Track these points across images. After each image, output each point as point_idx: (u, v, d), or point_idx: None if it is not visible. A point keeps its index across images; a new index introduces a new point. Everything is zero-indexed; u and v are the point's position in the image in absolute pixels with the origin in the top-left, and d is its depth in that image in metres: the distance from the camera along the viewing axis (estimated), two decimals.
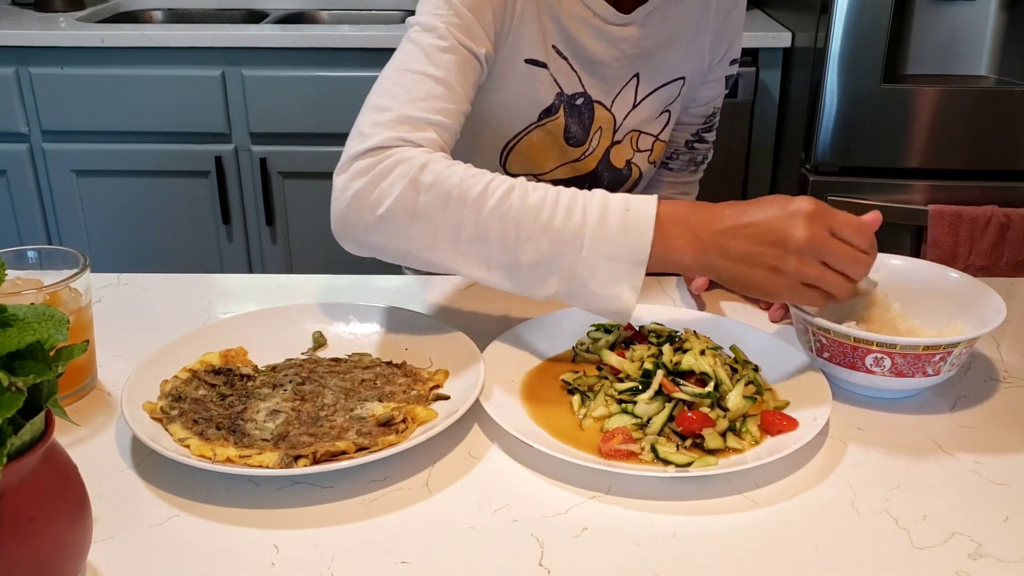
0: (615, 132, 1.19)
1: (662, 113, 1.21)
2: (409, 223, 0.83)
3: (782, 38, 2.20)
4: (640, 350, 0.88)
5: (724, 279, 0.83)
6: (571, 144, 1.17)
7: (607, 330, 0.94)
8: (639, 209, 0.81)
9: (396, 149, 0.86)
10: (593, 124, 1.16)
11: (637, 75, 1.15)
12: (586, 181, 1.21)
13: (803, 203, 0.80)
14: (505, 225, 0.81)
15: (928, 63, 2.11)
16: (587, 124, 1.16)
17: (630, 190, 1.27)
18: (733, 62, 1.25)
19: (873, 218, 0.84)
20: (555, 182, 1.18)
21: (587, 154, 1.18)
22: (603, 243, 0.80)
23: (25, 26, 2.23)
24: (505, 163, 1.18)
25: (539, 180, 1.18)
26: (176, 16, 2.69)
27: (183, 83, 2.19)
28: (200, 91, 2.20)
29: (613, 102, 1.16)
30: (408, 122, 0.89)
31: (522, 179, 0.85)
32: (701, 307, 1.07)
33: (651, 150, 1.24)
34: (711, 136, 1.33)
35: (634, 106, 1.17)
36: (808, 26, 2.07)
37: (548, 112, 1.13)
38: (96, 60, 2.18)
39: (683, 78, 1.19)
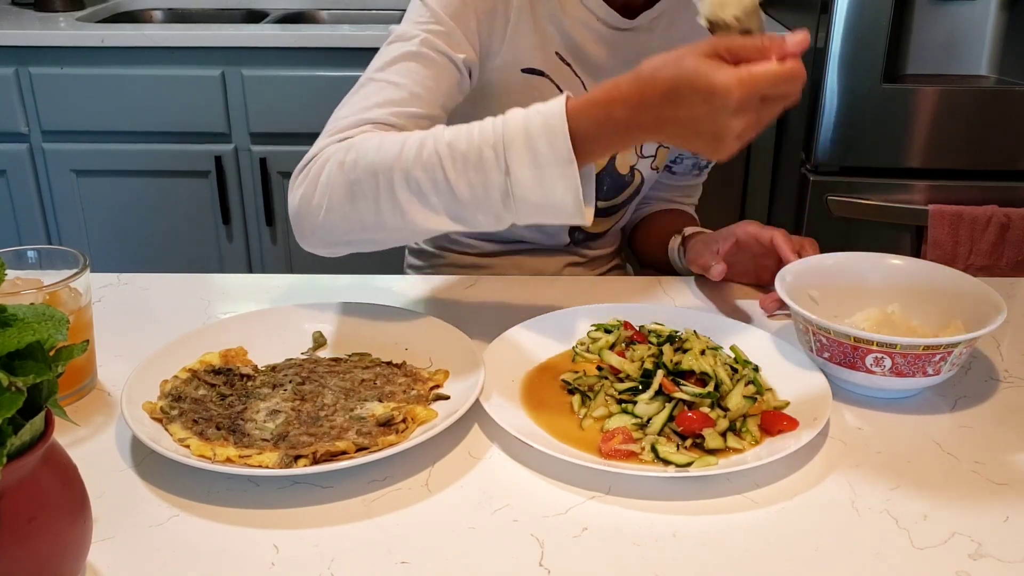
0: None
1: None
2: (350, 204, 0.86)
3: None
4: (640, 350, 0.88)
5: (665, 138, 0.80)
6: None
7: (607, 330, 0.94)
8: (548, 111, 0.79)
9: (328, 148, 0.90)
10: None
11: None
12: None
13: (688, 56, 0.75)
14: (432, 172, 0.82)
15: (928, 63, 2.11)
16: None
17: (632, 196, 1.27)
18: None
19: (798, 40, 0.76)
20: None
21: None
22: (524, 155, 0.79)
23: (25, 26, 2.23)
24: None
25: None
26: (176, 16, 2.68)
27: (183, 83, 2.19)
28: (200, 91, 2.20)
29: None
30: (349, 127, 0.92)
31: (438, 127, 0.85)
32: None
33: (655, 156, 1.23)
34: None
35: None
36: (808, 26, 2.07)
37: None
38: (96, 60, 2.18)
39: None
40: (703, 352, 0.85)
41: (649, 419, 0.80)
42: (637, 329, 0.94)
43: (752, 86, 0.73)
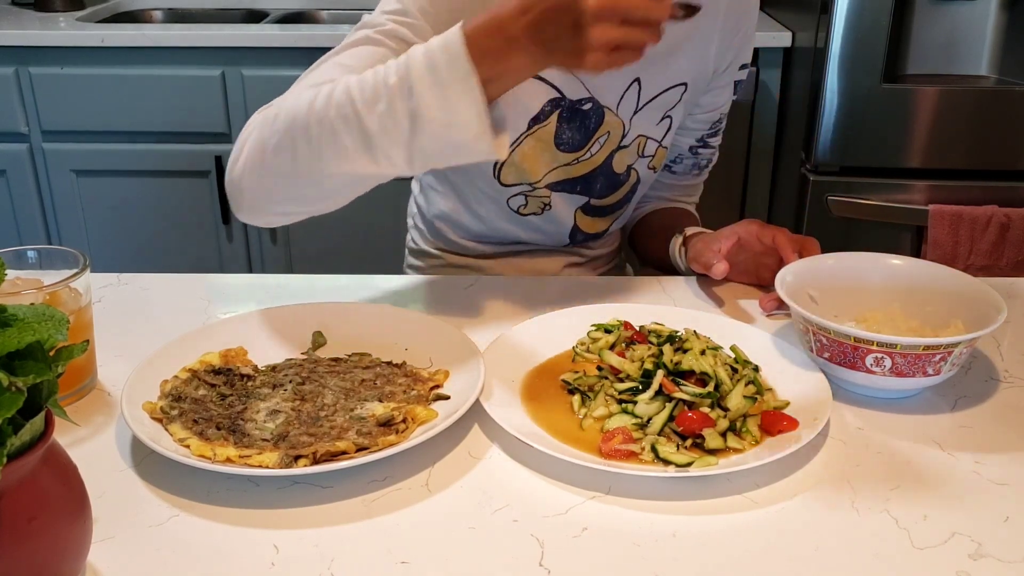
0: (623, 137, 1.18)
1: (663, 119, 1.20)
2: (272, 158, 0.87)
3: (782, 38, 2.20)
4: (640, 350, 0.88)
5: (540, 49, 0.80)
6: (562, 149, 1.15)
7: (607, 330, 0.94)
8: (446, 34, 0.81)
9: (255, 115, 0.91)
10: (600, 129, 1.15)
11: (638, 79, 1.14)
12: (578, 184, 1.20)
13: None
14: (342, 109, 0.82)
15: (928, 63, 2.11)
16: (590, 129, 1.15)
17: (628, 195, 1.26)
18: (743, 67, 1.24)
19: None
20: (549, 187, 1.18)
21: (581, 159, 1.17)
22: (426, 76, 0.79)
23: (25, 26, 2.23)
24: (499, 175, 1.17)
25: (533, 188, 1.18)
26: (176, 16, 2.69)
27: (183, 83, 2.19)
28: (200, 91, 2.20)
29: (618, 106, 1.15)
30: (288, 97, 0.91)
31: (351, 75, 0.85)
32: (720, 303, 1.07)
33: (653, 156, 1.23)
34: (716, 141, 1.32)
35: (636, 111, 1.16)
36: (808, 26, 2.07)
37: (537, 119, 1.12)
38: (96, 60, 2.18)
39: (684, 84, 1.18)
40: (703, 352, 0.85)
41: (649, 419, 0.80)
42: (637, 329, 0.94)
43: (610, 5, 0.75)
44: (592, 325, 0.95)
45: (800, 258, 1.01)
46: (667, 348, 0.86)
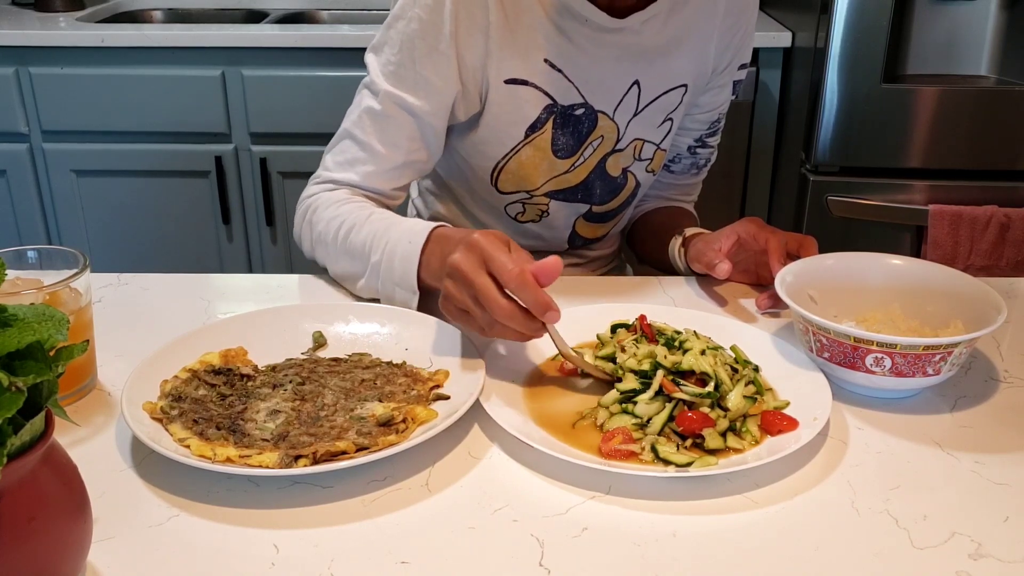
0: (618, 141, 1.17)
1: (664, 121, 1.19)
2: (312, 251, 1.12)
3: (782, 38, 2.20)
4: (643, 348, 0.87)
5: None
6: (559, 156, 1.15)
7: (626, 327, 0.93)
8: (411, 246, 0.97)
9: (307, 201, 1.14)
10: (593, 134, 1.15)
11: (637, 82, 1.14)
12: (578, 192, 1.20)
13: (478, 234, 0.84)
14: (352, 259, 1.04)
15: (928, 63, 2.11)
16: (583, 134, 1.14)
17: (628, 200, 1.26)
18: (742, 67, 1.23)
19: (546, 268, 0.81)
20: (547, 195, 1.18)
21: (576, 165, 1.17)
22: (391, 274, 0.99)
23: (25, 26, 2.23)
24: (496, 183, 1.17)
25: (531, 196, 1.18)
26: (176, 16, 2.68)
27: (183, 83, 2.19)
28: (200, 91, 2.20)
29: (615, 110, 1.14)
30: (325, 181, 1.14)
31: (362, 215, 1.05)
32: (722, 303, 1.07)
33: (651, 159, 1.22)
34: (715, 140, 1.31)
35: (635, 114, 1.16)
36: (808, 26, 2.07)
37: (534, 127, 1.12)
38: (96, 60, 2.18)
39: (685, 85, 1.17)
40: (703, 352, 0.85)
41: (649, 419, 0.80)
42: (649, 324, 0.93)
43: (467, 271, 0.83)
44: (612, 323, 0.95)
45: (795, 260, 1.01)
46: (661, 348, 0.86)
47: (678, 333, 0.90)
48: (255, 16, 2.62)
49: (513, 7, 1.06)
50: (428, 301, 0.98)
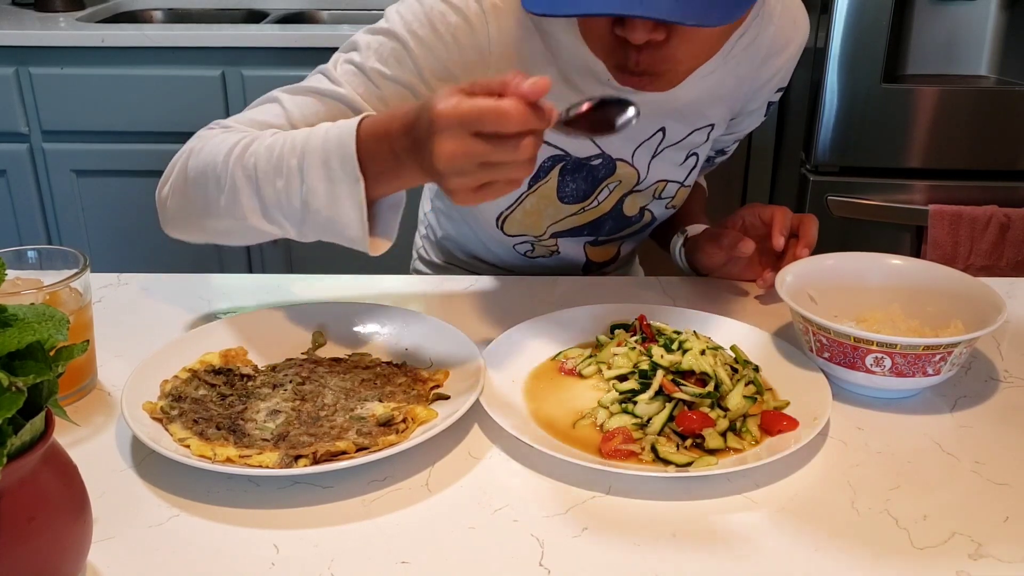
0: (639, 182, 1.12)
1: (688, 158, 1.13)
2: (188, 192, 0.92)
3: None
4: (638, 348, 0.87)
5: (417, 166, 0.78)
6: (566, 202, 1.11)
7: (625, 327, 0.93)
8: (343, 129, 0.81)
9: (189, 141, 0.95)
10: (610, 178, 1.10)
11: (663, 129, 1.07)
12: (584, 229, 1.16)
13: (434, 102, 0.72)
14: (248, 173, 0.85)
15: (928, 63, 2.11)
16: (598, 179, 1.09)
17: (637, 232, 1.22)
18: (779, 90, 1.17)
19: (532, 84, 0.70)
20: (553, 236, 1.15)
21: (588, 208, 1.12)
22: (320, 170, 0.81)
23: (25, 26, 2.23)
24: (502, 228, 1.14)
25: (539, 241, 1.15)
26: (176, 16, 2.68)
27: (183, 83, 2.19)
28: (200, 91, 2.20)
29: (634, 154, 1.09)
30: (226, 128, 0.95)
31: (263, 132, 0.88)
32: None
33: (673, 197, 1.17)
34: (733, 148, 1.29)
35: (655, 155, 1.10)
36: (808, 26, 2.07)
37: (537, 177, 1.08)
38: (96, 60, 2.18)
39: (712, 124, 1.11)
40: (703, 352, 0.85)
41: (649, 419, 0.80)
42: (649, 324, 0.93)
43: (456, 113, 0.71)
44: (611, 324, 0.95)
45: (796, 238, 1.03)
46: (657, 348, 0.86)
47: (678, 333, 0.90)
48: (255, 16, 2.62)
49: (520, 67, 0.97)
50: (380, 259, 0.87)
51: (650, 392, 0.82)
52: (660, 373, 0.83)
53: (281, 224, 0.86)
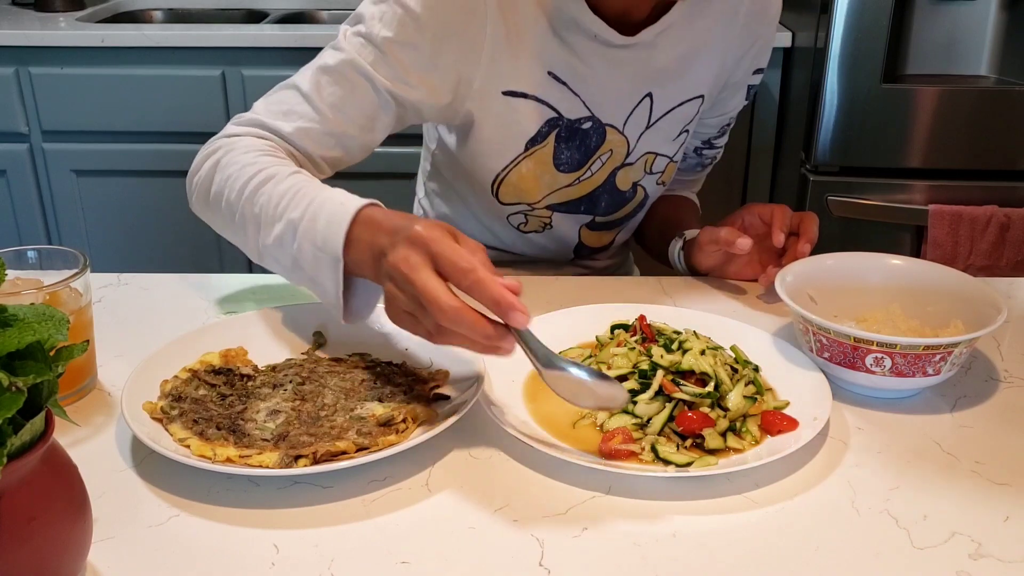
0: (628, 155, 1.15)
1: (680, 134, 1.16)
2: (208, 204, 0.97)
3: (782, 38, 2.19)
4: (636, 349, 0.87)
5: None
6: (562, 170, 1.13)
7: (625, 327, 0.93)
8: (344, 208, 0.82)
9: (221, 141, 0.99)
10: (602, 147, 1.12)
11: (650, 95, 1.10)
12: (581, 204, 1.18)
13: (420, 225, 0.74)
14: (255, 210, 0.89)
15: (928, 63, 2.11)
16: (591, 148, 1.12)
17: (634, 211, 1.24)
18: (758, 71, 1.20)
19: (506, 282, 0.72)
20: (548, 207, 1.17)
21: (582, 179, 1.14)
22: (310, 235, 0.84)
23: (25, 26, 2.23)
24: (496, 194, 1.15)
25: (532, 208, 1.17)
26: (176, 16, 2.69)
27: (183, 83, 2.19)
28: (200, 91, 2.20)
29: (625, 123, 1.11)
30: (250, 124, 1.01)
31: (284, 170, 0.91)
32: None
33: (663, 171, 1.20)
34: (722, 141, 1.30)
35: (648, 127, 1.13)
36: (808, 26, 2.07)
37: (535, 141, 1.09)
38: (96, 60, 2.18)
39: (702, 96, 1.14)
40: (703, 352, 0.85)
41: (649, 419, 0.80)
42: (649, 325, 0.93)
43: (430, 238, 0.73)
44: (612, 323, 0.95)
45: (797, 236, 1.04)
46: (656, 348, 0.86)
47: (678, 333, 0.90)
48: (255, 16, 2.62)
49: (514, 19, 1.02)
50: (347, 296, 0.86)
51: (650, 392, 0.82)
52: (660, 373, 0.83)
53: (273, 267, 0.91)
